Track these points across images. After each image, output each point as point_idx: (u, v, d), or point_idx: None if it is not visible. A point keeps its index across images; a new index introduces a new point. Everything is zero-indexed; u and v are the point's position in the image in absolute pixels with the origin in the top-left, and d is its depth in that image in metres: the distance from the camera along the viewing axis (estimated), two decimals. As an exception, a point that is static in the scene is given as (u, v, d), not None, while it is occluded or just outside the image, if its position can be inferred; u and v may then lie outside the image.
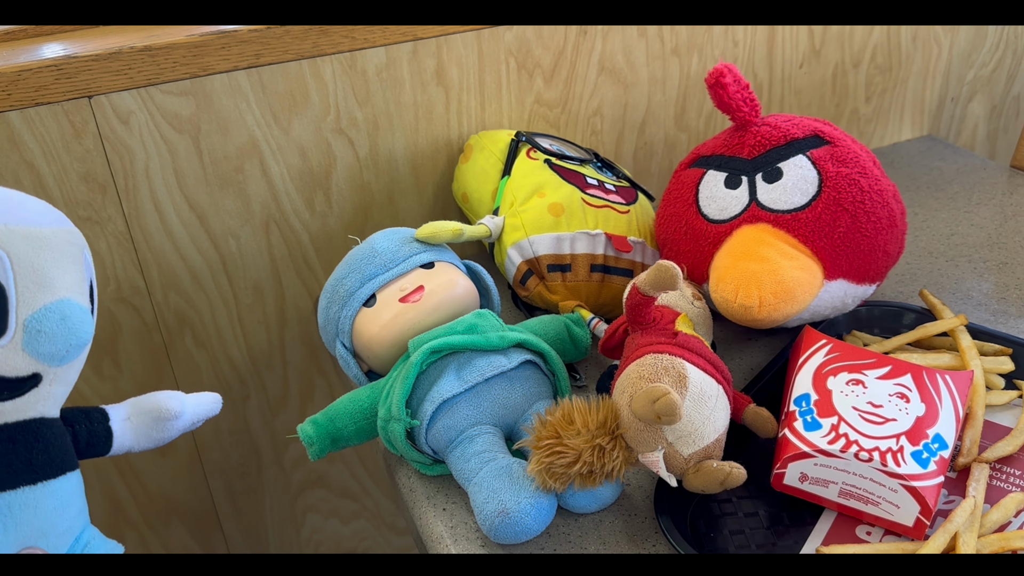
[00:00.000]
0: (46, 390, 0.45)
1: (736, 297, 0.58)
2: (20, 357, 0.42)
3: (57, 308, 0.43)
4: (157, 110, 0.69)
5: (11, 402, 0.44)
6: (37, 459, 0.45)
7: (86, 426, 0.49)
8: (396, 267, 0.63)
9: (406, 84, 0.77)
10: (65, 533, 0.47)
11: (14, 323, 0.42)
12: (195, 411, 0.53)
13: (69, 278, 0.44)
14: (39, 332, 0.42)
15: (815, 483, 0.52)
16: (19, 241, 0.42)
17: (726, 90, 0.63)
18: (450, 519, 0.56)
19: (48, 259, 0.43)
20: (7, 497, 0.43)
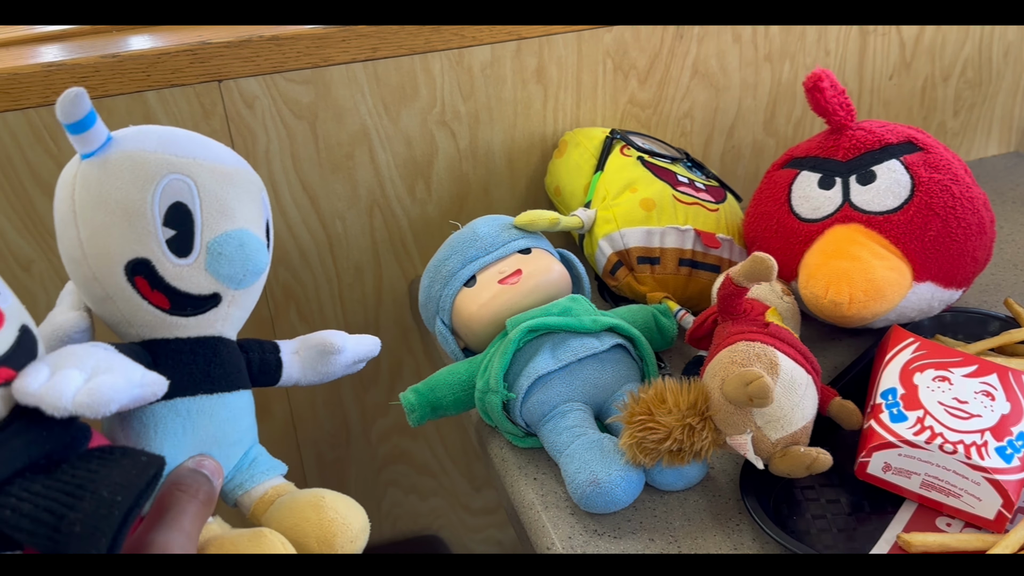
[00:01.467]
0: (224, 311, 0.49)
1: (827, 293, 0.60)
2: (203, 276, 0.47)
3: (237, 235, 0.47)
4: (280, 96, 0.74)
5: (195, 318, 0.48)
6: (214, 372, 0.49)
7: (259, 354, 0.54)
8: (496, 251, 0.67)
9: (508, 81, 0.81)
10: (235, 444, 0.51)
11: (199, 245, 0.47)
12: (356, 349, 0.57)
13: (248, 212, 0.49)
14: (220, 255, 0.47)
15: (898, 473, 0.54)
16: (206, 174, 0.47)
17: (823, 94, 0.66)
18: (540, 488, 0.59)
19: (230, 192, 0.48)
20: (186, 402, 0.48)
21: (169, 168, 0.46)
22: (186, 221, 0.47)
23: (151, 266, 0.46)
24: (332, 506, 0.49)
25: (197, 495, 0.44)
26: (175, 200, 0.46)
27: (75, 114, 0.44)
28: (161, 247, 0.46)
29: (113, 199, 0.45)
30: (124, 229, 0.45)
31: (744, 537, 0.54)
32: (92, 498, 0.36)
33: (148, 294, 0.47)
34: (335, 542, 0.48)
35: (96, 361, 0.40)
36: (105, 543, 0.35)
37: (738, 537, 0.54)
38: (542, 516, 0.57)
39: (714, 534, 0.54)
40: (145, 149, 0.47)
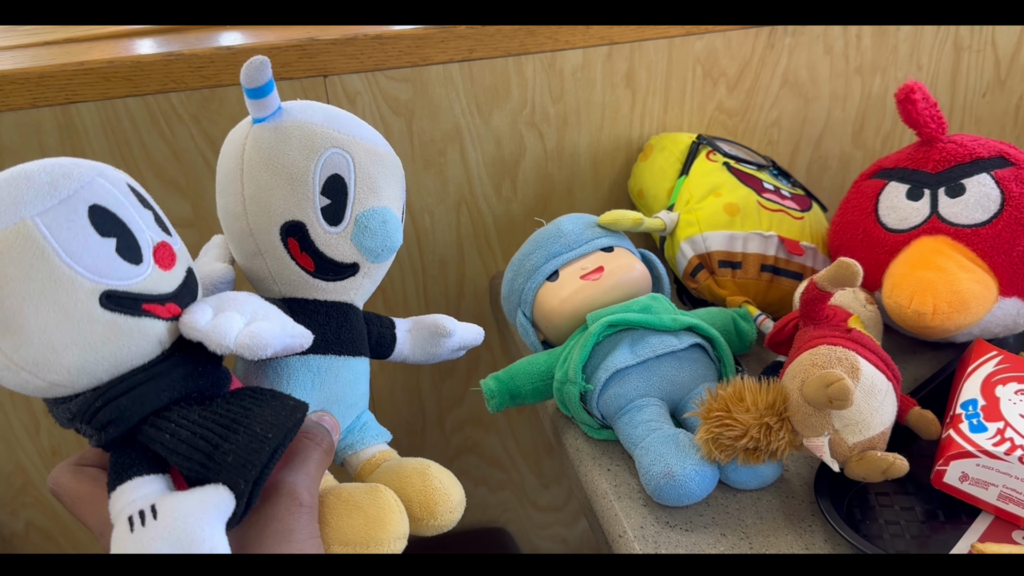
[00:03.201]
0: (359, 281, 0.53)
1: (911, 303, 0.60)
2: (347, 246, 0.51)
3: (381, 212, 0.51)
4: (380, 93, 0.77)
5: (333, 283, 0.52)
6: (344, 335, 0.53)
7: (377, 328, 0.57)
8: (579, 248, 0.69)
9: (597, 85, 0.83)
10: (352, 406, 0.54)
11: (349, 216, 0.51)
12: (463, 335, 0.60)
13: (392, 192, 0.53)
14: (365, 228, 0.51)
15: (975, 484, 0.54)
16: (362, 152, 0.51)
17: (915, 106, 0.66)
18: (614, 478, 0.61)
19: (380, 172, 0.52)
20: (318, 360, 0.52)
21: (333, 142, 0.50)
22: (341, 192, 0.50)
23: (304, 229, 0.50)
24: (436, 475, 0.52)
25: (321, 444, 0.47)
26: (334, 172, 0.50)
27: (258, 80, 0.48)
28: (316, 213, 0.50)
29: (280, 162, 0.49)
30: (286, 191, 0.49)
31: (816, 538, 0.55)
32: (246, 432, 0.39)
33: (297, 255, 0.50)
34: (436, 509, 0.51)
35: (255, 308, 0.43)
36: (254, 475, 0.38)
37: (810, 538, 0.55)
38: (615, 505, 0.58)
39: (786, 533, 0.55)
40: (313, 122, 0.50)
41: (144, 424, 0.40)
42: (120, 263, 0.39)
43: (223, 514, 0.38)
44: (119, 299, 0.39)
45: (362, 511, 0.47)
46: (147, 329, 0.40)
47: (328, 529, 0.46)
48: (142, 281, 0.40)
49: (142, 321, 0.40)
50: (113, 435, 0.40)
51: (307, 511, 0.43)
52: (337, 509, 0.47)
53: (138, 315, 0.40)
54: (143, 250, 0.41)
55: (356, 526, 0.46)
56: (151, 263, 0.41)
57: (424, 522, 0.51)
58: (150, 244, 0.41)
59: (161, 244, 0.42)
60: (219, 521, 0.37)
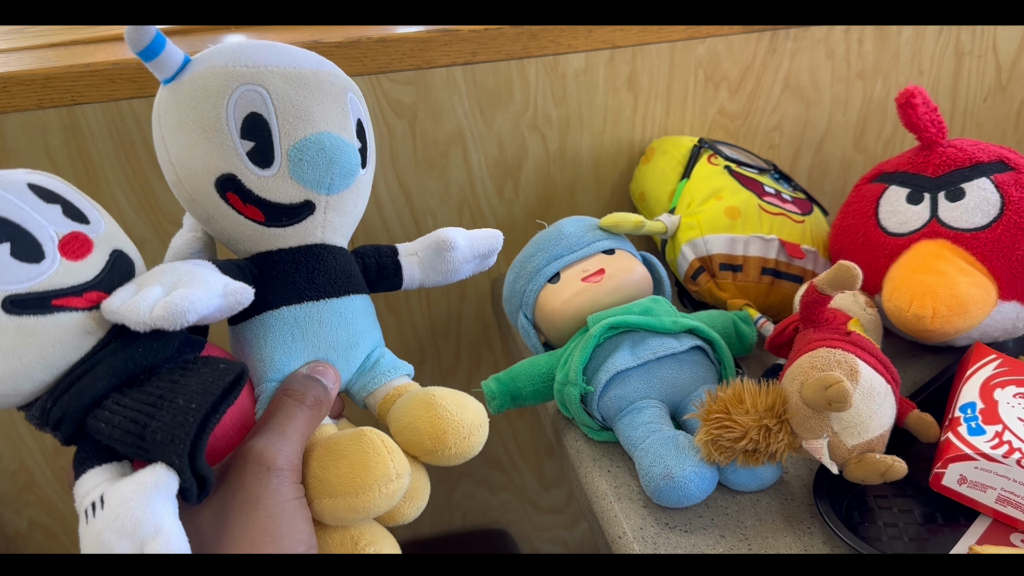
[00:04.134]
0: (321, 217, 0.50)
1: (910, 307, 0.61)
2: (289, 184, 0.47)
3: (316, 139, 0.47)
4: (384, 95, 0.78)
5: (291, 227, 0.49)
6: (318, 279, 0.50)
7: (375, 259, 0.55)
8: (581, 250, 0.69)
9: (600, 88, 0.83)
10: (352, 348, 0.52)
11: (279, 154, 0.47)
12: (473, 244, 0.57)
13: (328, 113, 0.48)
14: (301, 160, 0.47)
15: (973, 487, 0.54)
16: (278, 80, 0.47)
17: (915, 110, 0.66)
18: (614, 480, 0.61)
19: (307, 96, 0.47)
20: (292, 310, 0.49)
21: (239, 80, 0.46)
22: (263, 131, 0.47)
23: (237, 180, 0.47)
24: (442, 404, 0.49)
25: (304, 400, 0.46)
26: (249, 111, 0.46)
27: (142, 40, 0.46)
28: (242, 160, 0.47)
29: (191, 118, 0.46)
30: (205, 146, 0.46)
31: (815, 540, 0.55)
32: (170, 407, 0.39)
33: (242, 208, 0.48)
34: (447, 439, 0.48)
35: (179, 276, 0.42)
36: (185, 447, 0.38)
37: (809, 540, 0.55)
38: (615, 507, 0.59)
39: (785, 535, 0.55)
40: (216, 65, 0.47)
41: (87, 415, 0.40)
42: (17, 265, 0.39)
43: (165, 493, 0.37)
44: (23, 302, 0.39)
45: (346, 458, 0.45)
46: (65, 323, 0.40)
47: (314, 482, 0.45)
48: (46, 279, 0.40)
49: (56, 317, 0.39)
50: (68, 432, 0.40)
51: (276, 474, 0.42)
52: (323, 460, 0.45)
53: (49, 312, 0.39)
54: (44, 247, 0.40)
55: (341, 475, 0.44)
56: (56, 258, 0.41)
57: (439, 453, 0.49)
58: (54, 239, 0.41)
59: (70, 236, 0.41)
60: (162, 501, 0.37)
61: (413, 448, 0.49)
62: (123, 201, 0.77)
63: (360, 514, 0.44)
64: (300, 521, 0.42)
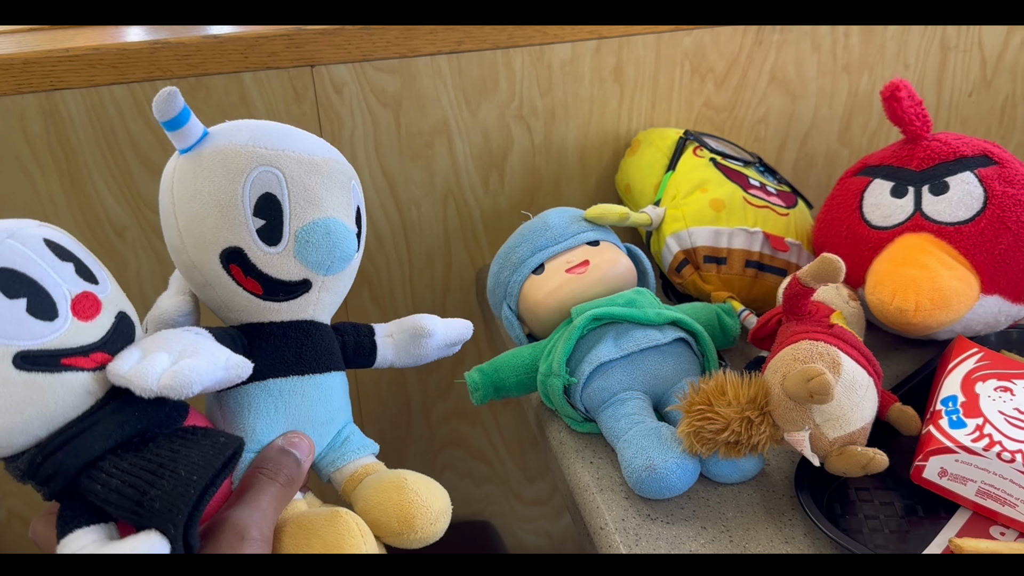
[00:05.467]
0: (315, 296, 0.52)
1: (893, 300, 0.61)
2: (292, 263, 0.49)
3: (323, 223, 0.49)
4: (368, 84, 0.77)
5: (287, 303, 0.51)
6: (306, 354, 0.51)
7: (354, 337, 0.56)
8: (565, 241, 0.69)
9: (585, 79, 0.83)
10: (328, 423, 0.53)
11: (287, 234, 0.49)
12: (447, 333, 0.59)
13: (336, 200, 0.51)
14: (307, 242, 0.49)
15: (953, 479, 0.54)
16: (294, 165, 0.49)
17: (900, 104, 0.66)
18: (596, 471, 0.61)
19: (318, 182, 0.50)
20: (279, 383, 0.50)
21: (259, 161, 0.48)
22: (275, 211, 0.49)
23: (244, 254, 0.49)
24: (413, 488, 0.50)
25: (277, 477, 0.46)
26: (264, 191, 0.48)
27: (169, 112, 0.48)
28: (252, 236, 0.48)
29: (207, 191, 0.48)
30: (218, 219, 0.48)
31: (796, 532, 0.55)
32: (171, 477, 0.39)
33: (242, 280, 0.49)
34: (415, 523, 0.49)
35: (184, 345, 0.43)
36: (182, 518, 0.38)
37: (790, 531, 0.55)
38: (596, 498, 0.59)
39: (766, 527, 0.56)
40: (236, 143, 0.49)
41: (81, 475, 0.40)
42: (32, 322, 0.39)
43: None
44: (34, 358, 0.39)
45: (320, 538, 0.45)
46: (71, 383, 0.40)
47: None
48: (58, 337, 0.40)
49: (63, 376, 0.40)
50: (56, 489, 0.40)
51: (249, 544, 0.42)
52: (296, 537, 0.46)
53: (57, 371, 0.40)
54: (58, 305, 0.41)
55: (313, 552, 0.45)
56: (68, 317, 0.41)
57: (405, 536, 0.49)
58: (67, 297, 0.41)
59: (82, 295, 0.42)
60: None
61: (379, 528, 0.49)
62: (103, 189, 0.77)
63: None
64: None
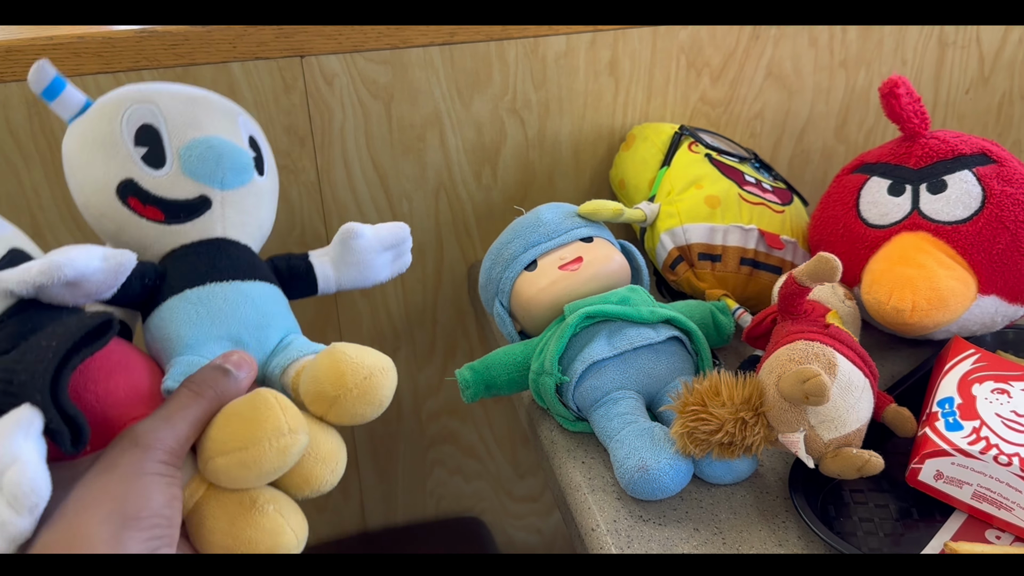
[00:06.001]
0: (219, 212, 0.54)
1: (889, 299, 0.60)
2: (183, 180, 0.52)
3: (205, 140, 0.52)
4: (359, 75, 0.76)
5: (191, 223, 0.53)
6: (220, 263, 0.53)
7: (286, 261, 0.58)
8: (558, 237, 0.68)
9: (580, 72, 0.82)
10: (265, 328, 0.53)
11: (171, 154, 0.52)
12: (379, 233, 0.60)
13: (219, 124, 0.54)
14: (191, 157, 0.52)
15: (949, 482, 0.53)
16: (168, 98, 0.53)
17: (899, 100, 0.65)
18: (588, 471, 0.60)
19: (197, 110, 0.53)
20: (196, 291, 0.51)
21: (132, 100, 0.53)
22: (154, 137, 0.52)
23: (136, 184, 0.52)
24: (342, 349, 0.50)
25: (201, 391, 0.46)
26: (142, 123, 0.52)
27: (41, 81, 0.51)
28: (138, 164, 0.52)
29: (89, 138, 0.52)
30: (104, 158, 0.52)
31: (790, 534, 0.54)
32: (32, 350, 0.40)
33: (143, 211, 0.52)
34: (346, 380, 0.48)
35: (64, 249, 0.44)
36: (44, 383, 0.39)
37: (783, 534, 0.54)
38: (588, 498, 0.58)
39: (759, 529, 0.55)
40: (111, 95, 0.53)
41: None
42: None
43: (26, 429, 0.38)
44: None
45: (238, 415, 0.45)
46: None
47: (208, 442, 0.45)
48: None
49: None
50: None
51: (141, 449, 0.42)
52: (218, 422, 0.46)
53: None
54: None
55: (233, 431, 0.45)
56: None
57: (342, 398, 0.48)
58: None
59: None
60: (23, 436, 0.38)
61: (318, 402, 0.49)
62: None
63: (252, 470, 0.44)
64: (153, 491, 0.41)
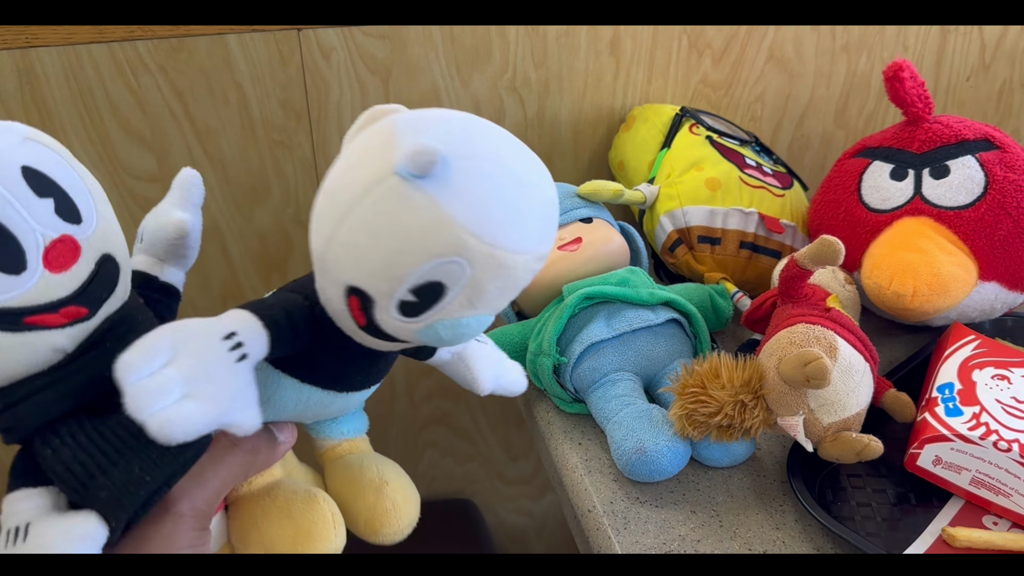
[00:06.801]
0: (405, 346, 0.43)
1: (890, 284, 0.60)
2: (409, 334, 0.39)
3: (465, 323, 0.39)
4: (356, 49, 0.75)
5: (376, 341, 0.41)
6: (357, 379, 0.45)
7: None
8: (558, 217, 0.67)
9: (581, 51, 0.81)
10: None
11: (428, 319, 0.38)
12: (495, 385, 0.52)
13: (499, 303, 0.40)
14: (436, 334, 0.39)
15: (948, 468, 0.53)
16: (490, 264, 0.37)
17: (903, 84, 0.65)
18: (585, 452, 0.60)
19: (497, 285, 0.38)
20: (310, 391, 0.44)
21: (459, 250, 0.36)
22: (433, 299, 0.38)
23: (371, 305, 0.38)
24: (391, 496, 0.47)
25: (238, 443, 0.42)
26: (437, 280, 0.37)
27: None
28: (393, 302, 0.38)
29: (385, 240, 0.36)
30: (373, 268, 0.37)
31: (787, 518, 0.54)
32: (124, 470, 0.36)
33: (355, 312, 0.39)
34: (381, 532, 0.47)
35: (204, 373, 0.36)
36: (125, 516, 0.36)
37: (780, 517, 0.54)
38: (585, 480, 0.57)
39: (757, 512, 0.55)
40: (454, 215, 0.36)
41: (36, 434, 0.37)
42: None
43: (91, 545, 0.35)
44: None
45: (293, 521, 0.43)
46: (35, 342, 0.35)
47: (256, 534, 0.44)
48: (24, 293, 0.35)
49: (26, 336, 0.35)
50: (13, 441, 0.37)
51: (172, 518, 0.39)
52: (269, 514, 0.44)
53: (20, 330, 0.35)
54: (28, 255, 0.35)
55: (284, 536, 0.43)
56: (39, 269, 0.35)
57: (366, 536, 0.48)
58: (40, 245, 0.35)
59: (58, 241, 0.36)
60: (84, 552, 0.35)
61: (345, 519, 0.47)
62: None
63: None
64: None
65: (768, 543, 0.52)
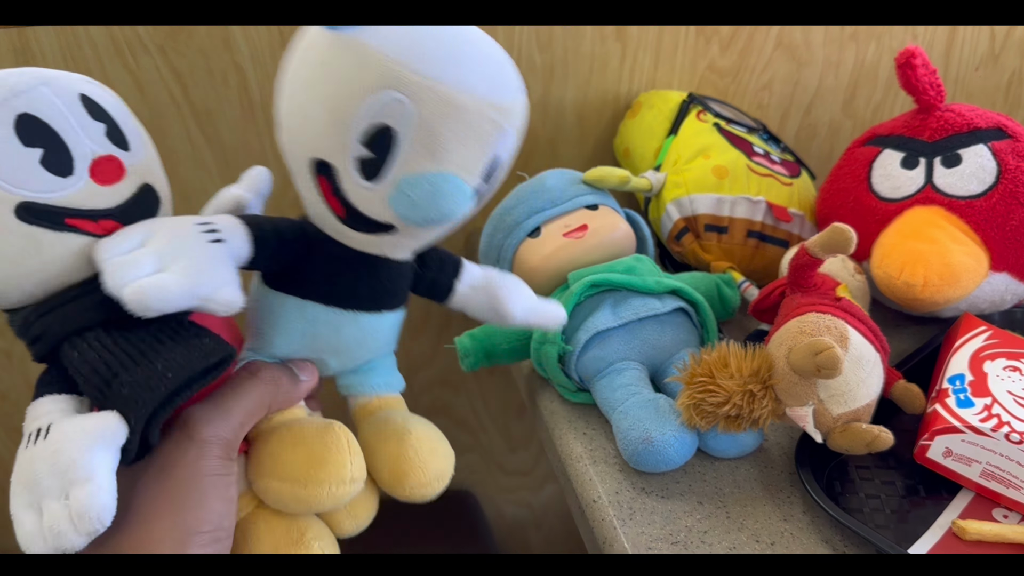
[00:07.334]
0: (395, 239, 0.44)
1: (901, 274, 0.59)
2: (382, 206, 0.41)
3: (432, 179, 0.40)
4: (360, 31, 0.74)
5: (364, 235, 0.43)
6: (361, 289, 0.45)
7: (434, 274, 0.50)
8: (563, 204, 0.66)
9: (587, 35, 0.80)
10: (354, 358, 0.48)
11: (390, 176, 0.40)
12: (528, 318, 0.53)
13: (464, 154, 0.40)
14: (406, 196, 0.40)
15: (958, 460, 0.52)
16: (433, 100, 0.38)
17: (915, 71, 0.64)
18: (589, 442, 0.59)
19: (451, 128, 0.39)
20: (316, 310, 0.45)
21: (393, 82, 0.38)
22: (386, 148, 0.39)
23: (334, 174, 0.40)
24: (414, 445, 0.47)
25: (258, 373, 0.43)
26: (382, 121, 0.38)
27: None
28: (350, 162, 0.39)
29: (322, 89, 0.38)
30: (320, 126, 0.39)
31: (795, 509, 0.53)
32: (147, 367, 0.37)
33: (327, 197, 0.41)
34: (405, 482, 0.46)
35: (184, 252, 0.38)
36: (145, 412, 0.36)
37: (788, 508, 0.54)
38: (590, 470, 0.57)
39: (764, 504, 0.54)
40: (382, 49, 0.38)
41: (64, 341, 0.39)
42: (43, 174, 0.38)
43: (110, 444, 0.36)
44: (38, 211, 0.38)
45: (306, 446, 0.43)
46: (72, 245, 0.38)
47: (268, 459, 0.43)
48: (68, 195, 0.39)
49: (65, 236, 0.38)
50: (42, 351, 0.39)
51: (196, 445, 0.39)
52: (283, 441, 0.43)
53: (60, 229, 0.38)
54: (76, 163, 0.39)
55: (297, 462, 0.42)
56: (84, 177, 0.39)
57: (392, 489, 0.47)
58: (88, 157, 0.39)
59: (105, 158, 0.40)
60: (103, 450, 0.35)
61: (370, 472, 0.46)
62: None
63: (303, 506, 0.43)
64: (212, 499, 0.39)
65: (776, 535, 0.52)
